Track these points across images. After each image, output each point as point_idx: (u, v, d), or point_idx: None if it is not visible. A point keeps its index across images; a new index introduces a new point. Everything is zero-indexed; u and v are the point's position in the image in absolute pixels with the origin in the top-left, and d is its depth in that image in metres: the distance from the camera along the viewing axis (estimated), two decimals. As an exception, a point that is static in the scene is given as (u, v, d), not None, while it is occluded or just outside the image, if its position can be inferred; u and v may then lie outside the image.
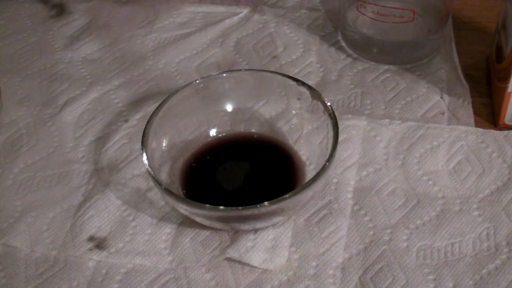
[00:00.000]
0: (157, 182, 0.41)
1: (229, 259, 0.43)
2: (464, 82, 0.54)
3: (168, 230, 0.45)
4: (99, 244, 0.44)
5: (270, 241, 0.43)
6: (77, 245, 0.44)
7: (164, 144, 0.46)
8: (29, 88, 0.58)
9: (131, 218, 0.46)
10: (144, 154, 0.43)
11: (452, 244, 0.43)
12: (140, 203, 0.47)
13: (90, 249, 0.44)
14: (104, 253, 0.44)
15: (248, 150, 0.49)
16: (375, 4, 0.54)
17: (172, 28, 0.63)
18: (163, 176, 0.44)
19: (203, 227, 0.44)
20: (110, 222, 0.46)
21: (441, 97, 0.53)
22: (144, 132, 0.44)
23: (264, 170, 0.47)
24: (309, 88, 0.46)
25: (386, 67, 0.56)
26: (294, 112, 0.49)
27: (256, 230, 0.44)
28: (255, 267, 0.42)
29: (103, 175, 0.49)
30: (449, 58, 0.57)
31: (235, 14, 0.64)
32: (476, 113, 0.52)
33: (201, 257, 0.43)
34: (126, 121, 0.53)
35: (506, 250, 0.42)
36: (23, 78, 0.59)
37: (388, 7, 0.53)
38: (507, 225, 0.43)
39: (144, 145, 0.43)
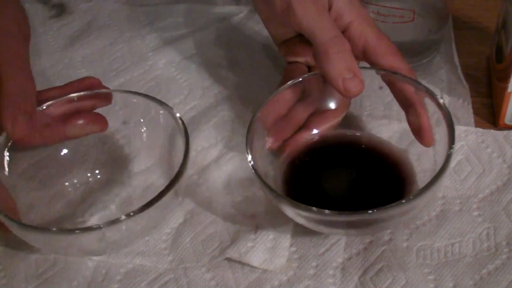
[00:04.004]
0: (266, 186, 0.39)
1: (229, 259, 0.43)
2: (464, 82, 0.54)
3: (168, 230, 0.45)
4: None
5: (270, 241, 0.43)
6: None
7: (267, 143, 0.45)
8: (29, 88, 0.58)
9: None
10: (250, 155, 0.41)
11: (452, 244, 0.43)
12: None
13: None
14: (104, 253, 0.44)
15: (354, 154, 0.47)
16: (375, 4, 0.54)
17: (172, 28, 0.63)
18: (267, 170, 0.43)
19: (203, 227, 0.44)
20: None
21: (441, 97, 0.53)
22: (248, 132, 0.42)
23: (370, 177, 0.45)
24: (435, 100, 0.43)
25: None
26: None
27: (256, 230, 0.44)
28: (255, 267, 0.42)
29: (103, 175, 0.49)
30: (449, 58, 0.57)
31: (235, 14, 0.64)
32: (476, 113, 0.52)
33: (201, 257, 0.43)
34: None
35: (506, 250, 0.42)
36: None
37: (388, 7, 0.53)
38: (507, 225, 0.43)
39: (248, 145, 0.42)
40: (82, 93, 0.46)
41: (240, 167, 0.49)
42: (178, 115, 0.44)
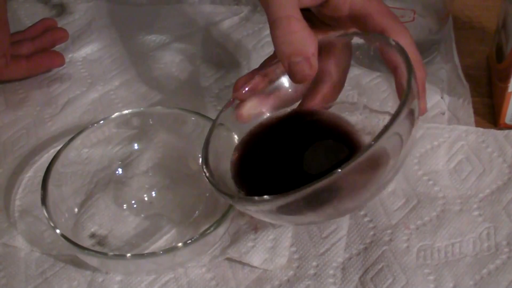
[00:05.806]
0: (222, 192, 0.38)
1: (229, 259, 0.43)
2: (465, 82, 0.54)
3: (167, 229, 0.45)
4: (100, 242, 0.44)
5: (270, 241, 0.43)
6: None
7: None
8: (29, 88, 0.58)
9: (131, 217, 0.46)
10: (205, 169, 0.39)
11: (453, 244, 0.43)
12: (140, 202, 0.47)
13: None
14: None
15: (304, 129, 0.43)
16: (375, 4, 0.54)
17: (172, 28, 0.63)
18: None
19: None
20: (110, 220, 0.46)
21: (441, 97, 0.53)
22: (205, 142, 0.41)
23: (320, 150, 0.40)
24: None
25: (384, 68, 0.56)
26: None
27: (256, 230, 0.44)
28: (256, 267, 0.42)
29: (104, 175, 0.49)
30: (450, 58, 0.57)
31: (235, 14, 0.64)
32: (477, 113, 0.52)
33: (201, 257, 0.43)
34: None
35: (506, 250, 0.42)
36: (23, 78, 0.59)
37: (388, 7, 0.53)
38: (507, 225, 0.43)
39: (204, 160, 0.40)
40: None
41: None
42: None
